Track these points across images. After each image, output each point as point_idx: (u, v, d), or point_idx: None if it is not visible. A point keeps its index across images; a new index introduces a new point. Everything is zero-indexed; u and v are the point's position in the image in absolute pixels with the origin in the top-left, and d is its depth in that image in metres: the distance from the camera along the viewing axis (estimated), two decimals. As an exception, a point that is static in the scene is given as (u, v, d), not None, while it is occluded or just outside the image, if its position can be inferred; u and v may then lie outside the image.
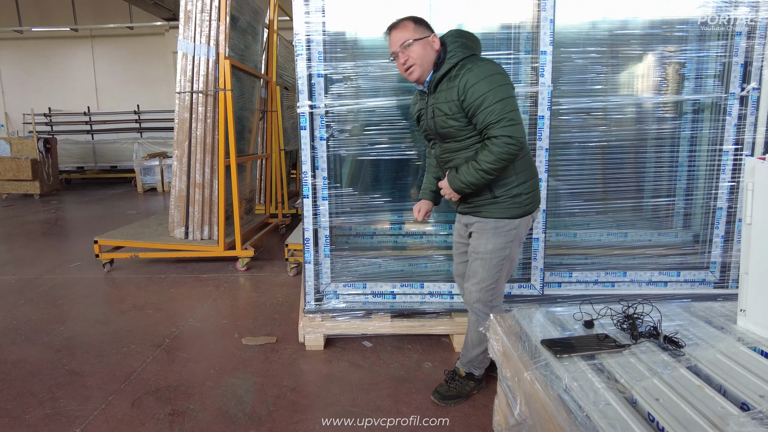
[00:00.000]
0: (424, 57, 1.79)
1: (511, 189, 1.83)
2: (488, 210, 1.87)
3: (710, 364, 1.01)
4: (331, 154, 2.52)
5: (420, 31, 1.80)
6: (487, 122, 1.69)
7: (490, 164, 1.71)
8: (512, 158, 1.72)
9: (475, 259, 1.93)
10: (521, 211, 1.85)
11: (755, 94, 2.53)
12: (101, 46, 12.10)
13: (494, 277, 1.90)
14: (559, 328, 1.19)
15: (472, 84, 1.69)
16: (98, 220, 6.27)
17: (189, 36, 3.93)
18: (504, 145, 1.67)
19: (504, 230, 1.86)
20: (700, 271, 2.74)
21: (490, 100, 1.67)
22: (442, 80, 1.79)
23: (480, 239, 1.90)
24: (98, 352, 2.55)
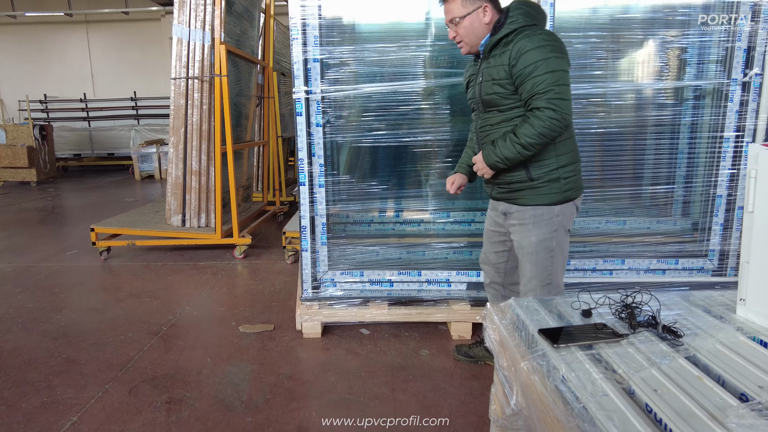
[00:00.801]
0: (472, 33, 1.72)
1: (550, 172, 1.71)
2: (525, 196, 1.76)
3: (709, 354, 1.00)
4: (327, 141, 2.50)
5: (469, 4, 1.69)
6: (533, 92, 1.59)
7: (530, 138, 1.61)
8: (554, 135, 1.62)
9: (522, 257, 1.82)
10: (560, 197, 1.73)
11: (758, 80, 2.49)
12: (96, 32, 11.94)
13: (546, 272, 1.78)
14: (557, 317, 1.18)
15: (526, 50, 1.59)
16: (95, 208, 6.24)
17: (184, 21, 3.87)
18: (547, 119, 1.58)
19: (544, 219, 1.74)
20: (699, 259, 2.73)
21: (542, 69, 1.57)
22: (498, 44, 1.69)
23: (522, 232, 1.79)
24: (95, 340, 2.54)
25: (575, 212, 1.80)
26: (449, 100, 2.65)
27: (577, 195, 1.79)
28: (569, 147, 1.74)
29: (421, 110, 2.60)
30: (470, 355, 2.25)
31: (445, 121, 2.64)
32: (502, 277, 2.04)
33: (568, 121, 1.61)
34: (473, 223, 3.07)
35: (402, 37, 2.47)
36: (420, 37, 2.50)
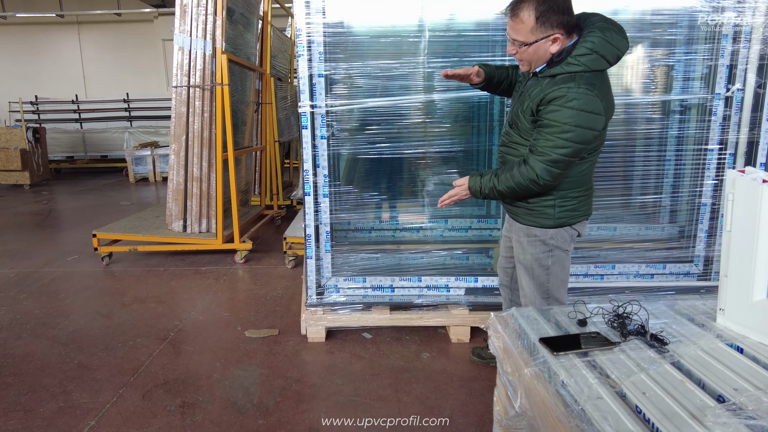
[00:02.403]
0: (536, 58, 1.60)
1: (546, 199, 1.73)
2: (521, 215, 1.80)
3: (692, 359, 1.11)
4: (331, 153, 2.59)
5: (540, 30, 1.53)
6: (535, 145, 1.59)
7: (508, 187, 1.65)
8: (528, 193, 1.67)
9: (519, 270, 1.89)
10: (553, 223, 1.74)
11: (739, 95, 2.63)
12: (88, 33, 11.91)
13: (543, 287, 1.82)
14: (555, 326, 1.29)
15: (559, 105, 1.52)
16: (92, 211, 6.27)
17: (185, 30, 3.94)
18: (527, 179, 1.60)
19: (538, 239, 1.77)
20: (685, 264, 2.87)
21: (556, 130, 1.53)
22: (545, 78, 1.61)
23: (518, 248, 1.85)
24: (105, 345, 2.62)
25: (575, 236, 1.79)
26: (448, 113, 2.76)
27: (576, 221, 1.76)
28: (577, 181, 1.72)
29: (422, 123, 2.71)
30: (483, 356, 2.37)
31: (444, 133, 2.75)
32: (509, 280, 2.11)
33: (546, 188, 1.63)
34: (470, 230, 3.19)
35: (403, 53, 2.57)
36: (421, 53, 2.61)
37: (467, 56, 2.58)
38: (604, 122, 1.59)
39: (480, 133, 2.90)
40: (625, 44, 1.60)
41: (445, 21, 2.59)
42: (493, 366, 2.32)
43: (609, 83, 1.65)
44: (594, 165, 1.77)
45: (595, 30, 1.55)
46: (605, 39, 1.54)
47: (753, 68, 2.56)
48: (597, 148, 1.70)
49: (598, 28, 1.56)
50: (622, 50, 1.59)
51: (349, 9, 2.54)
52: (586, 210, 1.80)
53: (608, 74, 1.67)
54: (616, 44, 1.56)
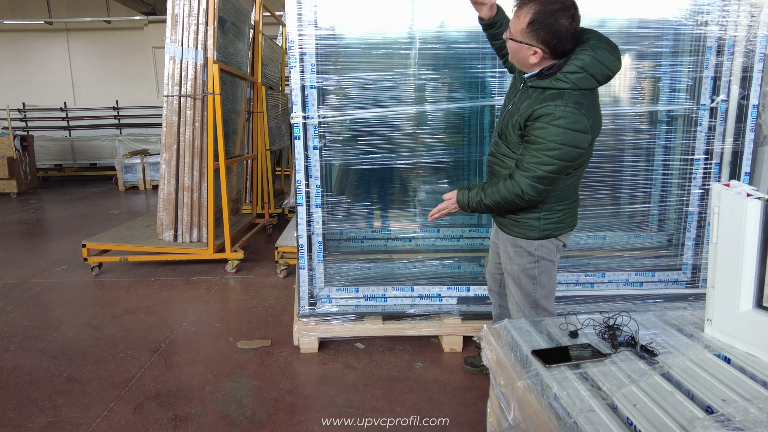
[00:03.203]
0: (515, 56, 1.64)
1: (532, 213, 1.74)
2: (507, 226, 1.82)
3: (681, 371, 1.13)
4: (324, 163, 2.60)
5: (528, 35, 1.54)
6: (521, 160, 1.60)
7: (494, 201, 1.67)
8: (514, 207, 1.69)
9: (507, 279, 1.90)
10: (536, 234, 1.75)
11: (724, 105, 2.69)
12: (77, 40, 11.84)
13: (531, 297, 1.84)
14: (547, 337, 1.31)
15: (546, 122, 1.52)
16: (81, 220, 6.21)
17: (176, 40, 3.94)
18: (512, 194, 1.62)
19: (525, 250, 1.79)
20: (674, 272, 2.91)
21: (542, 147, 1.54)
22: (536, 89, 1.61)
23: (504, 257, 1.88)
24: (95, 357, 2.59)
25: (560, 246, 1.81)
26: (439, 124, 2.78)
27: (560, 232, 1.78)
28: (563, 195, 1.73)
29: (413, 134, 2.73)
30: (476, 364, 2.38)
31: (436, 144, 2.77)
32: (498, 287, 2.12)
33: (530, 203, 1.65)
34: (461, 239, 3.21)
35: (395, 64, 2.60)
36: (411, 65, 2.63)
37: (458, 68, 2.61)
38: (590, 140, 1.59)
39: (471, 143, 2.93)
40: (617, 64, 1.59)
41: (436, 33, 2.62)
42: (486, 374, 2.33)
43: (597, 101, 1.65)
44: (580, 179, 1.79)
45: (587, 48, 1.55)
46: (596, 58, 1.54)
47: (736, 80, 2.62)
48: (583, 164, 1.72)
49: (591, 46, 1.56)
50: (612, 70, 1.58)
51: (341, 21, 2.56)
52: (571, 221, 1.81)
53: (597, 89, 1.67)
54: (606, 64, 1.56)
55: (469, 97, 2.70)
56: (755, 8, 2.50)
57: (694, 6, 2.58)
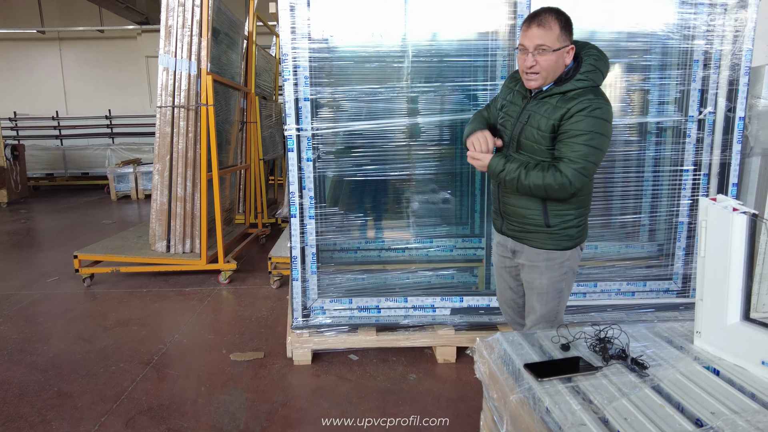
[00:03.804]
0: (553, 69, 1.65)
1: (567, 221, 1.75)
2: (538, 239, 1.78)
3: (671, 383, 1.15)
4: (317, 175, 2.61)
5: (564, 38, 1.62)
6: (566, 154, 1.62)
7: (535, 186, 1.64)
8: (554, 197, 1.68)
9: (531, 296, 1.86)
10: (571, 243, 1.78)
11: (711, 117, 2.73)
12: (69, 49, 11.82)
13: (554, 312, 1.84)
14: (539, 350, 1.32)
15: (584, 115, 1.60)
16: (72, 230, 6.17)
17: (170, 51, 3.95)
18: (559, 185, 1.61)
19: (557, 263, 1.78)
20: (665, 281, 2.93)
21: (585, 139, 1.60)
22: (554, 96, 1.67)
23: (533, 273, 1.82)
24: (86, 371, 2.57)
25: (581, 253, 1.86)
26: (432, 136, 2.80)
27: (584, 240, 1.84)
28: (586, 200, 1.79)
29: (406, 146, 2.75)
30: None
31: (429, 155, 2.79)
32: (518, 315, 2.03)
33: (573, 192, 1.66)
34: (455, 250, 3.23)
35: (388, 77, 2.62)
36: (404, 77, 2.66)
37: (450, 80, 2.64)
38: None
39: (463, 155, 2.95)
40: (608, 66, 1.75)
41: (428, 46, 2.65)
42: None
43: None
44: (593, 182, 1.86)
45: (590, 50, 1.71)
46: (600, 58, 1.70)
47: (723, 93, 2.67)
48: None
49: (590, 49, 1.71)
50: (607, 70, 1.74)
51: (335, 34, 2.59)
52: (587, 229, 1.88)
53: None
54: (605, 61, 1.73)
55: (461, 109, 2.73)
56: (740, 23, 2.55)
57: (680, 20, 2.63)
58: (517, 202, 1.78)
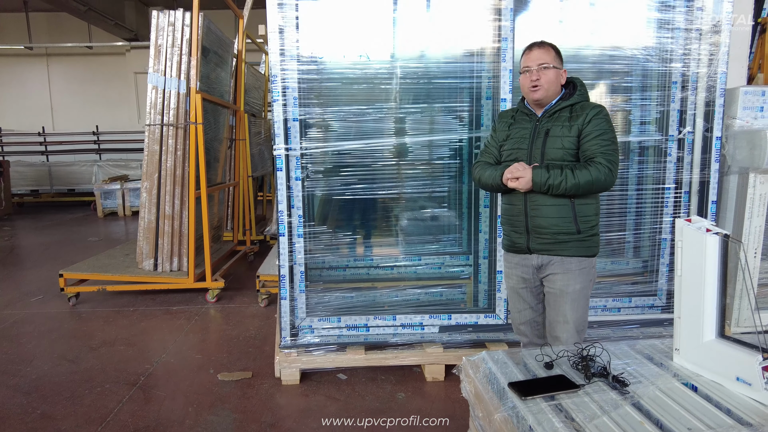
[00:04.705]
0: (552, 84, 1.88)
1: (592, 227, 1.89)
2: (571, 248, 1.87)
3: (650, 400, 1.18)
4: (306, 194, 2.64)
5: (558, 61, 1.91)
6: (600, 150, 1.79)
7: (585, 182, 1.76)
8: (600, 190, 1.83)
9: (564, 303, 1.89)
10: (596, 249, 1.92)
11: (690, 137, 2.81)
12: (57, 65, 11.79)
13: (583, 319, 1.92)
14: (524, 368, 1.34)
15: (600, 118, 1.83)
16: (58, 248, 6.10)
17: (159, 70, 3.98)
18: (603, 174, 1.77)
19: (587, 269, 1.89)
20: (649, 297, 2.98)
21: (609, 136, 1.82)
22: (565, 110, 1.89)
23: (566, 280, 1.88)
24: (70, 393, 2.53)
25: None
26: (419, 155, 2.85)
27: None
28: (599, 207, 1.95)
29: (394, 165, 2.79)
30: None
31: (417, 174, 2.83)
32: (537, 336, 2.05)
33: (612, 184, 1.82)
34: (443, 267, 3.25)
35: (376, 98, 2.67)
36: (393, 99, 2.71)
37: (437, 101, 2.70)
38: None
39: (451, 173, 3.00)
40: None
41: (415, 68, 2.71)
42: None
43: None
44: None
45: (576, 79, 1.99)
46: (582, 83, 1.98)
47: (700, 113, 2.76)
48: None
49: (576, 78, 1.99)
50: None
51: (324, 56, 2.64)
52: None
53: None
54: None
55: (448, 129, 2.79)
56: (714, 47, 2.65)
57: (659, 44, 2.72)
58: (549, 211, 1.86)
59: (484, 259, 2.86)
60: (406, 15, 2.69)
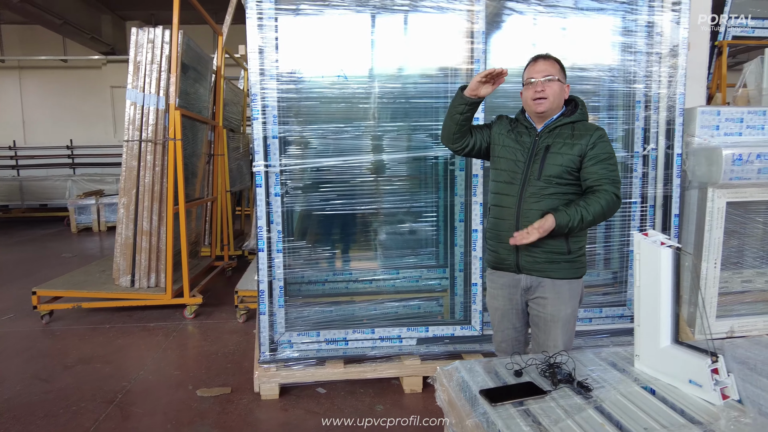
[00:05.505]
0: (557, 96, 1.85)
1: (581, 247, 1.89)
2: (562, 269, 1.85)
3: (612, 403, 1.25)
4: (285, 209, 2.68)
5: (563, 75, 1.89)
6: (605, 176, 1.78)
7: (599, 215, 1.75)
8: (610, 216, 1.82)
9: (554, 328, 1.87)
10: (584, 270, 1.92)
11: (654, 153, 2.96)
12: (30, 78, 11.58)
13: (571, 341, 1.91)
14: (495, 376, 1.41)
15: (604, 141, 1.83)
16: (30, 264, 5.96)
17: (138, 86, 3.99)
18: (613, 202, 1.77)
19: (576, 291, 1.89)
20: (619, 307, 3.10)
21: (613, 162, 1.83)
22: (565, 126, 1.87)
23: (557, 305, 1.86)
24: (45, 412, 2.50)
25: None
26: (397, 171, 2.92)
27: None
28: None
29: (373, 180, 2.85)
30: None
31: (395, 190, 2.90)
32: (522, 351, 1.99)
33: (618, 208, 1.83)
34: (420, 280, 3.32)
35: (354, 116, 2.75)
36: (370, 117, 2.79)
37: (412, 120, 2.80)
38: None
39: (427, 189, 3.08)
40: None
41: (391, 88, 2.80)
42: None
43: None
44: None
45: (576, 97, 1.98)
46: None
47: (662, 131, 2.91)
48: None
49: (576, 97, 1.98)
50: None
51: (303, 75, 2.70)
52: None
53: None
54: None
55: (424, 146, 2.87)
56: (673, 69, 2.82)
57: (622, 66, 2.88)
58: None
59: (459, 271, 2.93)
60: (384, 37, 2.79)
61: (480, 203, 2.75)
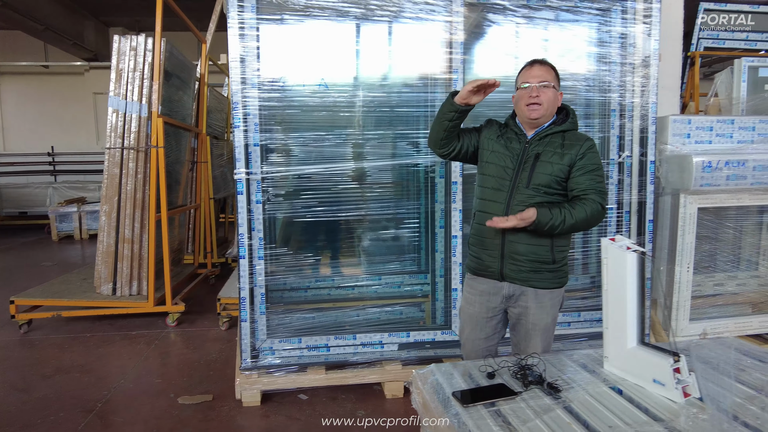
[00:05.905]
0: (551, 104, 1.84)
1: (565, 256, 1.90)
2: (545, 279, 1.86)
3: (579, 404, 1.29)
4: (267, 217, 2.70)
5: (557, 82, 1.88)
6: (592, 186, 1.79)
7: (582, 220, 1.76)
8: (594, 225, 1.84)
9: (534, 336, 1.89)
10: (566, 279, 1.93)
11: (629, 160, 3.04)
12: (10, 84, 11.41)
13: (550, 345, 1.93)
14: (468, 379, 1.44)
15: (593, 151, 1.84)
16: (7, 273, 5.87)
17: (120, 93, 3.98)
18: (598, 212, 1.78)
19: (558, 300, 1.91)
20: (597, 311, 3.16)
21: (600, 173, 1.83)
22: (556, 135, 1.86)
23: (540, 314, 1.87)
24: (22, 423, 2.47)
25: None
26: (379, 178, 2.97)
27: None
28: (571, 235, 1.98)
29: (355, 187, 2.89)
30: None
31: (377, 197, 2.93)
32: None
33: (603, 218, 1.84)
34: (402, 285, 3.35)
35: (336, 125, 2.78)
36: (352, 126, 2.83)
37: (393, 128, 2.84)
38: None
39: (408, 196, 3.12)
40: None
41: (372, 97, 2.84)
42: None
43: None
44: None
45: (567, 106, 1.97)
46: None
47: (636, 139, 2.99)
48: None
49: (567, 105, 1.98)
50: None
51: (285, 83, 2.74)
52: None
53: None
54: None
55: (405, 154, 2.92)
56: (645, 79, 2.90)
57: (597, 76, 2.96)
58: (530, 240, 1.82)
59: (440, 277, 2.97)
60: (365, 46, 2.84)
61: (460, 210, 2.79)
